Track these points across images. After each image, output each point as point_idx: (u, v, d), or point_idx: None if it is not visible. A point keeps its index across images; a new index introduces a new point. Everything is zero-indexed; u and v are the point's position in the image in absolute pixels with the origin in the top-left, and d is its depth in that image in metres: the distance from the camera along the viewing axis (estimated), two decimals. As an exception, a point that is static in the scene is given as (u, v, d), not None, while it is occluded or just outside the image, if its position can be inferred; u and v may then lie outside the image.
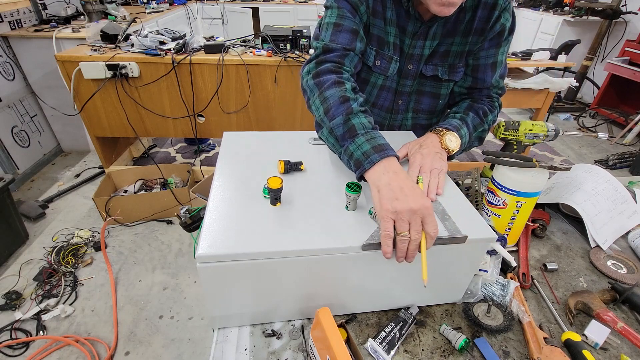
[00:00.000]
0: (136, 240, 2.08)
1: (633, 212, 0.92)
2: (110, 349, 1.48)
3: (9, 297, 1.63)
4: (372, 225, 0.58)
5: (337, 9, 0.78)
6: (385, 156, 0.60)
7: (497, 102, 0.90)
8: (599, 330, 0.64)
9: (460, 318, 0.67)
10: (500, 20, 0.78)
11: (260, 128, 2.26)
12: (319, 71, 0.74)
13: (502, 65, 0.86)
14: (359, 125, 0.64)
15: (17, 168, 2.45)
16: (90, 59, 1.92)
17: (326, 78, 0.71)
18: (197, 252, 0.50)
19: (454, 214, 0.62)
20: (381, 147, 0.61)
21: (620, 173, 2.87)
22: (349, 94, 0.68)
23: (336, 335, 0.49)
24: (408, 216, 0.53)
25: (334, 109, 0.67)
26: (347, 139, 0.64)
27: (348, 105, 0.66)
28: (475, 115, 0.84)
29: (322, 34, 0.80)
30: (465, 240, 0.56)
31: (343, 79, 0.72)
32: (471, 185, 0.91)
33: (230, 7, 4.68)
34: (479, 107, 0.85)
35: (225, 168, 0.70)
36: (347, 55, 0.77)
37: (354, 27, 0.77)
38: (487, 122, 0.86)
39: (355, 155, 0.62)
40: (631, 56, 3.45)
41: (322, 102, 0.69)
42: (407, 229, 0.53)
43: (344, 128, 0.65)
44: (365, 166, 0.60)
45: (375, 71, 0.87)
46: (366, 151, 0.61)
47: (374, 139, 0.63)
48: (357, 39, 0.78)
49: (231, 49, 2.02)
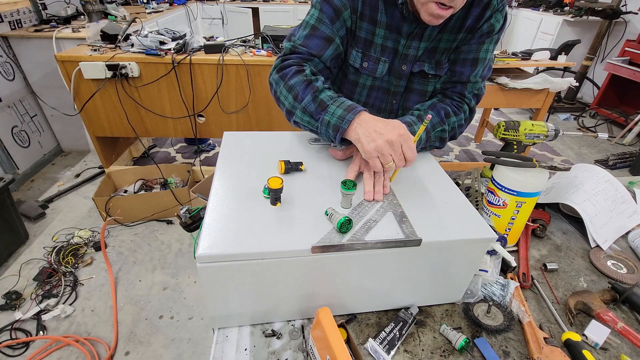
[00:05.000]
0: (136, 240, 2.08)
1: (633, 212, 0.92)
2: (110, 349, 1.48)
3: (9, 297, 1.63)
4: (375, 225, 0.58)
5: (319, 11, 0.80)
6: (357, 112, 0.67)
7: (468, 106, 0.86)
8: (599, 330, 0.64)
9: (460, 318, 0.67)
10: (491, 21, 0.77)
11: (260, 128, 2.26)
12: (282, 66, 0.80)
13: (484, 64, 0.83)
14: (326, 98, 0.72)
15: (17, 168, 2.45)
16: (90, 59, 1.92)
17: (288, 70, 0.78)
18: (197, 252, 0.50)
19: (454, 214, 0.62)
20: (351, 107, 0.69)
21: (620, 173, 2.87)
22: (310, 77, 0.75)
23: (336, 335, 0.49)
24: (388, 149, 0.61)
25: (301, 93, 0.74)
26: (320, 112, 0.71)
27: (313, 86, 0.74)
28: (435, 114, 0.81)
29: (297, 33, 0.83)
30: (420, 243, 0.56)
31: (303, 67, 0.78)
32: (471, 185, 0.92)
33: (230, 7, 4.68)
34: (442, 107, 0.83)
35: (225, 168, 0.70)
36: (311, 60, 0.81)
37: (328, 34, 0.80)
38: (449, 123, 0.82)
39: (331, 122, 0.69)
40: (631, 56, 3.45)
41: (289, 90, 0.76)
42: (391, 159, 0.62)
43: (315, 104, 0.72)
44: (343, 126, 0.68)
45: (363, 73, 0.88)
46: (340, 115, 0.68)
47: (342, 103, 0.70)
48: (329, 47, 0.81)
49: (231, 49, 2.02)
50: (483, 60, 0.82)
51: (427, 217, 0.61)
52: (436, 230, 0.58)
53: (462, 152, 3.09)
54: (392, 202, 0.64)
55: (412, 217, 0.60)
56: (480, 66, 0.82)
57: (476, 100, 0.87)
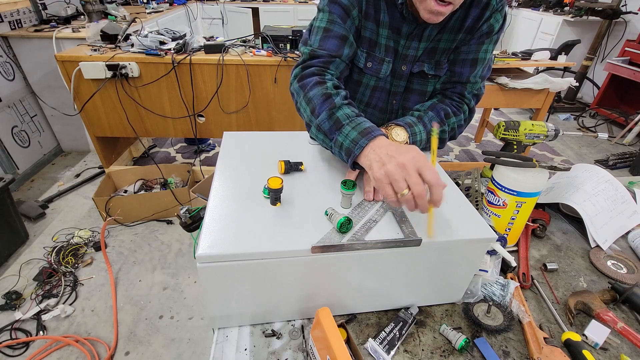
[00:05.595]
0: (136, 240, 2.08)
1: (633, 212, 0.92)
2: (110, 349, 1.48)
3: (9, 297, 1.63)
4: (375, 225, 0.58)
5: (329, 13, 0.79)
6: (372, 138, 0.62)
7: (467, 106, 0.85)
8: (599, 330, 0.64)
9: (460, 318, 0.67)
10: (490, 21, 0.77)
11: (260, 128, 2.26)
12: (303, 75, 0.77)
13: (483, 64, 0.82)
14: (343, 117, 0.67)
15: (17, 168, 2.45)
16: (90, 59, 1.92)
17: (309, 80, 0.74)
18: (197, 252, 0.50)
19: (454, 214, 0.62)
20: (367, 131, 0.63)
21: (620, 173, 2.87)
22: (330, 90, 0.71)
23: (336, 335, 0.49)
24: (400, 173, 0.53)
25: (318, 107, 0.70)
26: (335, 131, 0.67)
27: (331, 101, 0.69)
28: (435, 115, 0.81)
29: (312, 39, 0.81)
30: (420, 243, 0.56)
31: (325, 79, 0.75)
32: (471, 185, 0.92)
33: (230, 7, 4.68)
34: (442, 107, 0.82)
35: (225, 168, 0.70)
36: (332, 62, 0.79)
37: (343, 33, 0.79)
38: (448, 124, 0.82)
39: (344, 144, 0.65)
40: (631, 56, 3.45)
41: (308, 102, 0.72)
42: (406, 186, 0.52)
43: (330, 122, 0.67)
44: (355, 152, 0.62)
45: (367, 73, 0.88)
46: (354, 138, 0.63)
47: (359, 125, 0.65)
48: (345, 45, 0.79)
49: (231, 49, 2.02)
50: (482, 60, 0.82)
51: (427, 217, 0.61)
52: (436, 230, 0.58)
53: (462, 152, 3.09)
54: None
55: (412, 217, 0.60)
56: (479, 66, 0.82)
57: (476, 100, 0.87)
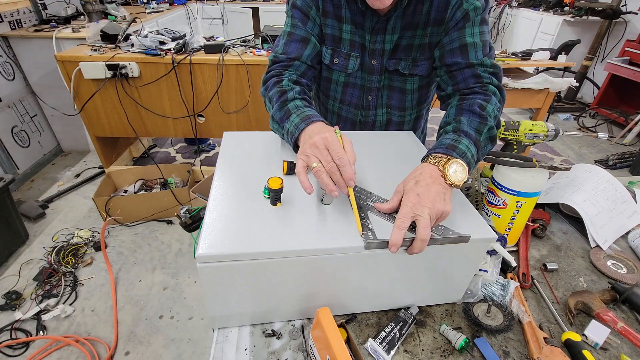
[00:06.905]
0: (136, 240, 2.08)
1: (633, 212, 0.92)
2: (110, 349, 1.48)
3: (9, 297, 1.64)
4: (374, 225, 0.58)
5: (291, 17, 0.85)
6: (310, 122, 0.67)
7: (492, 86, 0.77)
8: (599, 330, 0.64)
9: (460, 318, 0.67)
10: (463, 7, 0.75)
11: (260, 128, 2.26)
12: (265, 79, 0.85)
13: (475, 47, 0.77)
14: (292, 107, 0.73)
15: (17, 168, 2.45)
16: (90, 59, 1.92)
17: (269, 82, 0.82)
18: (197, 252, 0.50)
19: (454, 214, 0.62)
20: (308, 117, 0.68)
21: (620, 173, 2.87)
22: (285, 87, 0.78)
23: (336, 335, 0.49)
24: (312, 151, 0.59)
25: (274, 102, 0.77)
26: (285, 120, 0.73)
27: (285, 96, 0.76)
28: (470, 117, 0.70)
29: (279, 44, 0.87)
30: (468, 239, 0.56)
31: (282, 78, 0.81)
32: (471, 185, 0.92)
33: (230, 7, 4.68)
34: (470, 103, 0.73)
35: (225, 168, 0.70)
36: (291, 65, 0.84)
37: (303, 35, 0.84)
38: (489, 114, 0.71)
39: (289, 129, 0.70)
40: (631, 56, 3.45)
41: (269, 101, 0.79)
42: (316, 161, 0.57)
43: (281, 113, 0.74)
44: (295, 134, 0.68)
45: (335, 69, 0.90)
46: (296, 123, 0.69)
47: (302, 112, 0.70)
48: (306, 47, 0.84)
49: (231, 49, 2.02)
50: (472, 44, 0.77)
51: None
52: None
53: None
54: None
55: (412, 217, 0.60)
56: (472, 50, 0.77)
57: (497, 78, 0.79)
